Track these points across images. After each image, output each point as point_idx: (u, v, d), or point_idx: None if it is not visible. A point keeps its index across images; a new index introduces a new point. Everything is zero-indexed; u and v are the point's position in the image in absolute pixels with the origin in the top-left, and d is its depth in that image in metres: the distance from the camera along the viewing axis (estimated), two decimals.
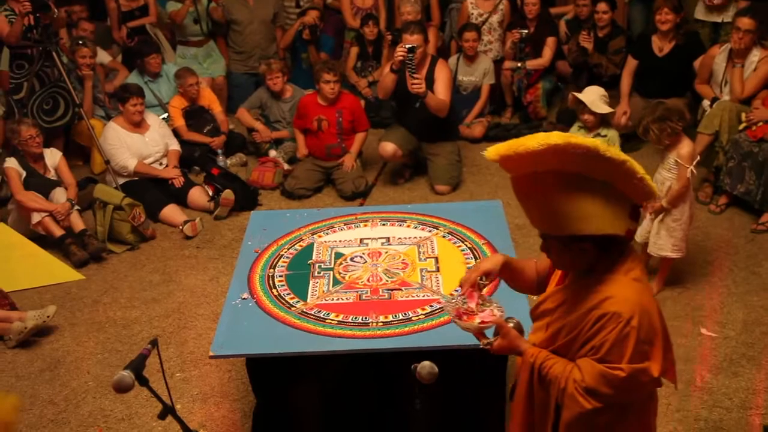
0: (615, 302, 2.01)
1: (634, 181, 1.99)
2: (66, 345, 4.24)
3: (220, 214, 5.50)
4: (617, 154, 1.96)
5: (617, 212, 2.02)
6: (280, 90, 6.31)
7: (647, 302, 2.04)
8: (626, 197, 2.03)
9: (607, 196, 2.00)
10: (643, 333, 2.00)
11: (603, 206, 2.00)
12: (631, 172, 1.98)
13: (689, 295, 4.31)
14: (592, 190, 1.99)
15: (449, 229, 3.72)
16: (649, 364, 2.02)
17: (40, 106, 5.79)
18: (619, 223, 2.03)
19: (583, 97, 4.42)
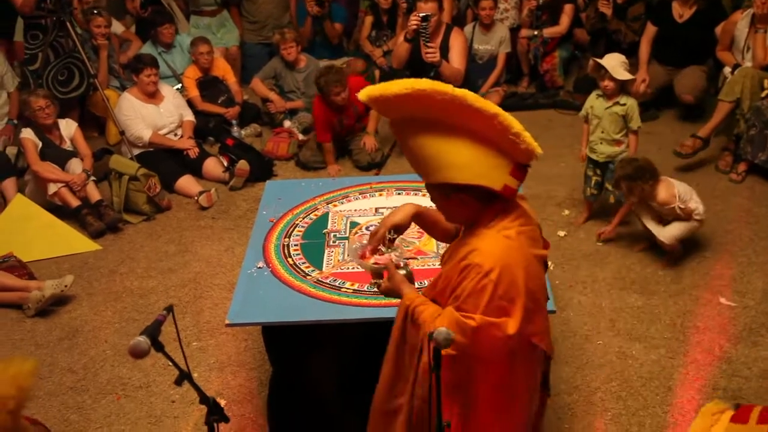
0: (479, 254, 2.05)
1: (509, 137, 1.97)
2: (84, 314, 4.27)
3: (235, 185, 5.49)
4: (487, 106, 1.96)
5: (494, 166, 2.03)
6: (294, 60, 6.27)
7: (514, 260, 2.04)
8: (506, 153, 2.02)
9: (481, 148, 2.01)
10: (502, 289, 2.02)
11: (476, 158, 2.02)
12: (504, 126, 1.97)
13: (708, 265, 4.27)
14: (465, 140, 2.01)
15: None
16: (506, 320, 2.03)
17: (55, 77, 5.78)
18: (495, 177, 2.04)
19: (604, 62, 4.35)
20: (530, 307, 2.07)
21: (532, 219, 2.19)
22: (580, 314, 3.94)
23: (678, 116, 6.07)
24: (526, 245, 2.10)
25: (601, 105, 4.47)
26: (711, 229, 4.55)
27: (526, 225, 2.14)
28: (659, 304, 3.97)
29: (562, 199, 5.04)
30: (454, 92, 1.96)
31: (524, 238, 2.10)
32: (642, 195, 4.15)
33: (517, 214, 2.13)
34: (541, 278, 2.16)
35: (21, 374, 1.36)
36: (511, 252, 2.06)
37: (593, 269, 4.30)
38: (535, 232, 2.18)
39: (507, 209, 2.13)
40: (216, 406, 2.09)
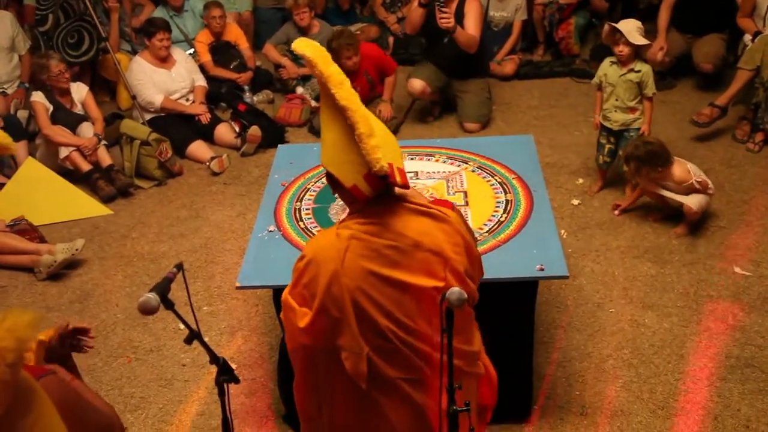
0: (310, 240, 2.13)
1: (356, 134, 1.84)
2: (95, 278, 4.28)
3: (246, 151, 5.47)
4: (342, 96, 1.85)
5: (349, 161, 1.92)
6: (308, 25, 6.20)
7: (325, 258, 1.96)
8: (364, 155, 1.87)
9: (346, 138, 1.90)
10: (306, 278, 2.01)
11: (338, 145, 1.94)
12: (351, 124, 1.85)
13: (723, 234, 4.22)
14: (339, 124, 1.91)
15: (479, 163, 3.64)
16: (303, 311, 2.02)
17: (65, 40, 5.75)
18: (347, 172, 1.95)
19: (619, 26, 4.27)
20: (334, 315, 1.97)
21: (405, 237, 1.98)
22: (593, 282, 3.91)
23: (695, 85, 5.97)
24: (356, 252, 1.96)
25: (615, 72, 4.39)
26: (727, 198, 4.49)
27: (378, 237, 1.97)
28: (673, 272, 3.94)
29: (576, 168, 4.98)
30: (323, 68, 1.89)
31: (359, 245, 1.96)
32: (648, 178, 4.10)
33: (372, 221, 1.99)
34: (372, 297, 1.97)
35: (19, 326, 1.32)
36: (328, 249, 1.97)
37: (607, 238, 4.26)
38: (391, 250, 1.97)
39: (365, 211, 2.01)
40: (226, 366, 2.08)
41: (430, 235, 2.00)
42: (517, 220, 3.17)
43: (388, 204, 2.02)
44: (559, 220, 4.35)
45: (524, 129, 5.56)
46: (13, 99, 5.76)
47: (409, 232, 1.99)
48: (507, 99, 6.10)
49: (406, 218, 2.01)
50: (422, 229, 2.00)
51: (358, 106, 1.86)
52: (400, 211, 2.02)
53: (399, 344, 2.02)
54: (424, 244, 1.99)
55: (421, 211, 2.04)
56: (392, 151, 1.97)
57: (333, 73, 1.89)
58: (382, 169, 1.85)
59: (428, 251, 1.99)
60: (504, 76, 6.40)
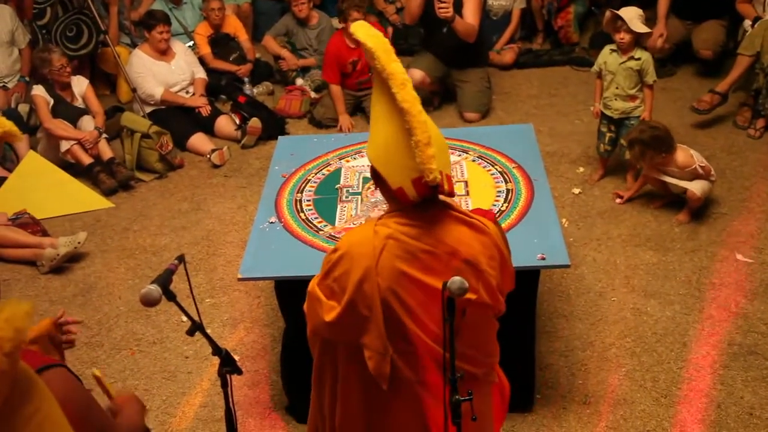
0: (346, 233, 2.04)
1: (411, 141, 1.81)
2: (97, 271, 4.28)
3: (247, 143, 5.46)
4: (403, 98, 1.80)
5: (400, 164, 1.88)
6: (306, 16, 6.19)
7: (359, 253, 1.92)
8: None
9: (400, 140, 1.86)
10: (337, 272, 1.96)
11: (390, 146, 1.90)
12: (409, 129, 1.81)
13: (725, 221, 4.22)
14: (394, 123, 1.86)
15: (479, 153, 3.64)
16: (330, 304, 1.97)
17: (63, 33, 5.74)
18: (395, 174, 1.91)
19: (621, 12, 4.26)
20: (364, 313, 1.93)
21: (443, 243, 1.95)
22: (595, 271, 3.91)
23: (695, 72, 5.96)
24: (392, 251, 1.93)
25: (615, 60, 4.38)
26: (728, 185, 4.49)
27: (416, 239, 1.94)
28: (675, 260, 3.94)
29: (576, 157, 4.98)
30: (386, 65, 1.84)
31: (396, 245, 1.93)
32: (651, 163, 4.10)
33: (413, 223, 1.96)
34: (403, 299, 1.95)
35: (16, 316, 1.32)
36: (364, 245, 1.93)
37: (608, 226, 4.26)
38: (427, 255, 1.95)
39: (408, 212, 1.97)
40: (228, 358, 2.08)
41: (468, 245, 1.97)
42: (518, 209, 3.18)
43: (430, 208, 1.98)
44: (560, 209, 4.35)
45: (524, 118, 5.55)
46: (14, 93, 5.76)
47: (448, 240, 1.96)
48: (507, 88, 6.09)
49: (447, 225, 1.98)
50: (461, 238, 1.97)
51: (418, 111, 1.82)
52: (441, 217, 1.99)
53: (422, 349, 1.99)
54: (461, 253, 1.96)
55: (462, 219, 2.00)
56: (444, 159, 1.95)
57: (396, 72, 1.83)
58: (435, 179, 1.84)
59: (464, 261, 1.96)
60: (503, 65, 6.39)
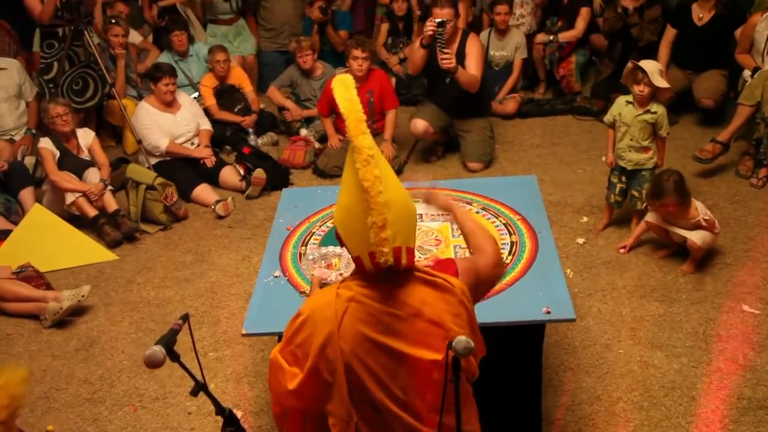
0: (310, 297, 2.03)
1: (369, 220, 1.80)
2: (101, 325, 4.27)
3: (251, 194, 5.49)
4: (365, 176, 1.79)
5: (360, 233, 1.85)
6: (311, 68, 6.27)
7: (322, 318, 1.90)
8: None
9: (361, 210, 1.83)
10: (300, 337, 1.93)
11: (354, 214, 1.86)
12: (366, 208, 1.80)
13: (730, 271, 4.20)
14: (355, 192, 1.85)
15: (483, 204, 3.65)
16: (293, 371, 1.94)
17: (70, 87, 5.81)
18: (354, 242, 1.90)
19: (643, 64, 4.28)
20: (326, 378, 1.90)
21: (406, 305, 1.92)
22: (600, 323, 3.88)
23: (697, 120, 6.00)
24: (354, 314, 1.90)
25: (631, 112, 4.40)
26: (732, 234, 4.48)
27: (378, 302, 1.91)
28: (681, 311, 3.91)
29: (580, 206, 4.98)
30: (355, 129, 1.85)
31: (358, 308, 1.90)
32: (667, 210, 4.09)
33: (373, 285, 1.93)
34: (367, 364, 1.91)
35: (12, 383, 1.32)
36: (326, 309, 1.90)
37: (613, 277, 4.25)
38: (390, 317, 1.91)
39: (368, 276, 1.94)
40: (232, 417, 2.07)
41: (432, 306, 1.94)
42: (523, 261, 3.17)
43: (393, 271, 1.95)
44: (564, 260, 4.34)
45: (527, 167, 5.58)
46: (21, 146, 5.81)
47: (411, 301, 1.93)
48: (509, 137, 6.13)
49: (409, 286, 1.95)
50: (424, 299, 1.94)
51: (377, 192, 1.80)
52: (403, 278, 1.96)
53: (388, 417, 1.95)
54: (425, 314, 1.93)
55: (425, 279, 1.98)
56: (406, 232, 1.92)
57: (362, 146, 1.83)
58: (387, 262, 1.84)
59: (428, 321, 1.93)
60: (506, 114, 6.45)
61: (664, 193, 4.06)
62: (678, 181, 4.06)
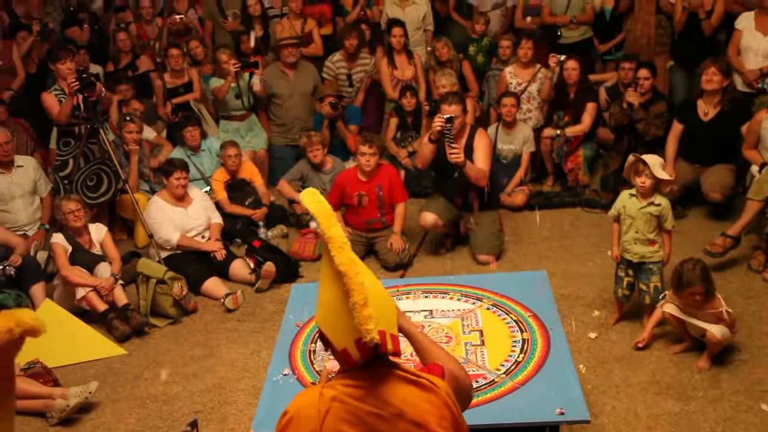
0: (298, 395, 2.05)
1: (350, 301, 1.85)
2: (107, 422, 4.20)
3: (261, 287, 5.49)
4: (340, 261, 1.87)
5: (342, 325, 1.92)
6: (321, 162, 6.37)
7: (305, 417, 1.93)
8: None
9: (341, 300, 1.90)
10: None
11: (332, 307, 1.94)
12: (346, 291, 1.85)
13: (747, 368, 4.13)
14: (336, 283, 1.92)
15: (493, 300, 3.64)
16: None
17: (84, 183, 5.91)
18: (339, 335, 1.95)
19: (645, 158, 4.34)
20: None
21: (389, 405, 1.94)
22: (615, 421, 3.80)
23: (706, 214, 6.02)
24: (337, 414, 1.93)
25: (635, 205, 4.43)
26: (748, 330, 4.43)
27: (361, 401, 1.94)
28: (697, 410, 3.83)
29: (591, 300, 4.96)
30: (326, 228, 1.92)
31: (341, 408, 1.93)
32: (693, 299, 4.06)
33: (358, 384, 1.96)
34: None
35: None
36: (309, 408, 1.94)
37: (627, 373, 4.18)
38: (373, 418, 1.93)
39: (354, 372, 1.99)
40: None
41: (415, 406, 1.94)
42: (535, 359, 3.15)
43: (377, 368, 1.98)
44: (576, 354, 4.29)
45: (537, 260, 5.58)
46: (34, 241, 5.86)
47: (394, 401, 1.94)
48: (519, 230, 6.15)
49: (393, 385, 1.97)
50: (407, 399, 1.95)
51: (355, 273, 1.86)
52: (387, 377, 1.98)
53: None
54: (408, 415, 1.93)
55: (408, 379, 1.99)
56: (387, 317, 1.98)
57: (334, 236, 1.91)
58: (372, 340, 1.85)
59: (411, 422, 1.93)
60: (515, 207, 6.49)
61: (692, 282, 4.02)
62: (704, 268, 4.05)
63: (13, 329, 1.48)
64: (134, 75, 7.42)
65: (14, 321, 1.49)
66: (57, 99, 6.04)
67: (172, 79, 7.14)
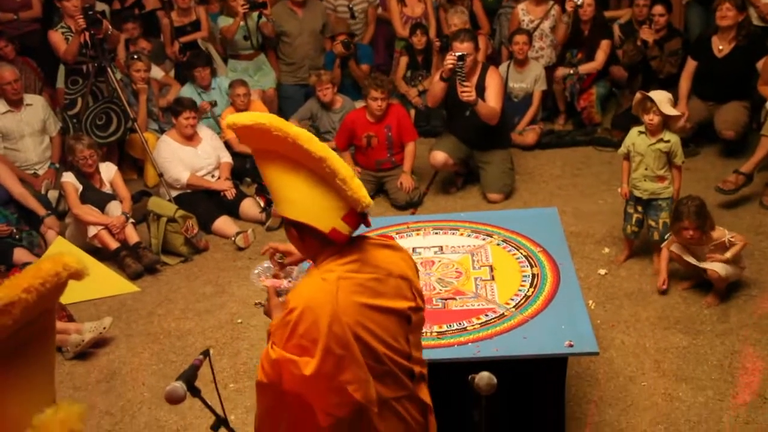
0: (294, 292, 2.12)
1: (336, 182, 2.01)
2: (122, 356, 4.28)
3: (271, 225, 5.51)
4: (317, 149, 2.01)
5: (326, 208, 2.07)
6: (330, 101, 6.32)
7: (319, 303, 2.03)
8: (341, 196, 2.05)
9: (317, 188, 2.07)
10: (302, 328, 2.03)
11: (309, 197, 2.08)
12: (332, 171, 2.01)
13: (755, 303, 4.14)
14: (304, 178, 2.07)
15: (503, 236, 3.64)
16: (306, 360, 2.01)
17: (93, 122, 5.90)
18: (324, 219, 2.08)
19: (652, 95, 4.29)
20: (339, 353, 2.03)
21: (380, 268, 2.16)
22: (624, 354, 3.84)
23: (719, 152, 5.96)
24: (346, 290, 2.08)
25: (644, 142, 4.40)
26: (757, 266, 4.43)
27: (360, 272, 2.13)
28: (705, 344, 3.86)
29: (601, 237, 4.96)
30: (288, 130, 2.03)
31: (348, 283, 2.09)
32: (691, 237, 4.05)
33: (351, 259, 2.14)
34: (369, 327, 2.09)
35: (70, 418, 1.42)
36: (320, 294, 2.05)
37: (636, 308, 4.20)
38: (374, 282, 2.14)
39: (342, 252, 2.15)
40: None
41: (396, 264, 2.23)
42: (544, 294, 3.15)
43: (356, 243, 2.19)
44: (586, 291, 4.31)
45: (548, 198, 5.56)
46: (44, 180, 5.88)
47: (381, 263, 2.19)
48: (529, 169, 6.12)
49: (375, 252, 2.21)
50: (389, 259, 2.22)
51: (334, 155, 2.02)
52: (368, 247, 2.21)
53: (390, 365, 2.15)
54: (394, 272, 2.20)
55: (381, 244, 2.27)
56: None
57: (300, 132, 2.03)
58: (369, 204, 2.05)
59: (398, 277, 2.21)
60: (526, 146, 6.45)
61: (681, 217, 4.04)
62: (699, 205, 4.04)
63: (61, 273, 1.53)
64: (141, 13, 7.33)
65: (61, 265, 1.53)
66: (63, 37, 5.99)
67: (179, 18, 7.05)
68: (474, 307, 3.12)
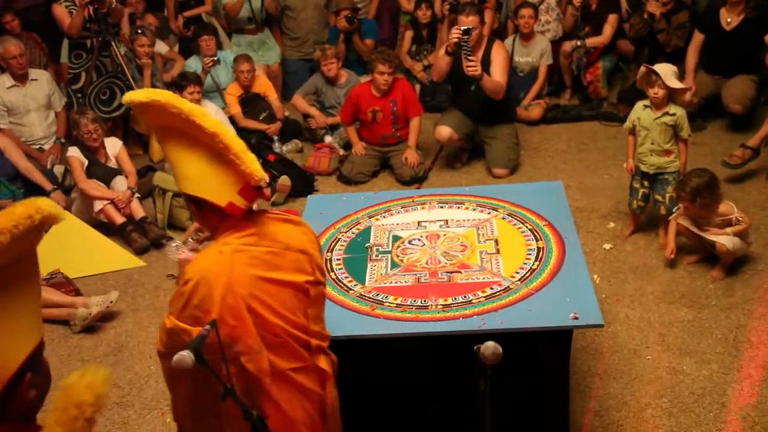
0: (191, 264, 2.18)
1: (230, 156, 2.06)
2: (129, 330, 4.30)
3: (277, 200, 5.51)
4: (209, 124, 2.05)
5: (221, 183, 2.13)
6: (335, 75, 6.29)
7: (214, 274, 2.10)
8: (235, 171, 2.09)
9: (213, 163, 2.12)
10: (196, 299, 2.10)
11: (205, 172, 2.13)
12: (225, 146, 2.05)
13: (761, 278, 4.14)
14: (200, 154, 2.12)
15: (509, 210, 3.63)
16: (194, 329, 2.06)
17: (97, 96, 5.89)
18: (220, 193, 2.14)
19: (656, 68, 4.26)
20: (232, 324, 2.10)
21: (277, 242, 2.22)
22: (628, 328, 3.85)
23: (726, 126, 5.93)
24: (242, 263, 2.14)
25: (649, 116, 4.37)
26: (764, 240, 4.42)
27: (256, 245, 2.19)
28: (710, 318, 3.87)
29: (607, 212, 4.95)
30: (182, 106, 2.07)
31: (243, 256, 2.15)
32: (698, 210, 4.05)
33: (249, 233, 2.20)
34: (263, 300, 2.15)
35: (96, 382, 1.44)
36: (215, 266, 2.12)
37: (641, 282, 4.21)
38: (270, 255, 2.20)
39: (240, 226, 2.20)
40: (260, 422, 2.07)
41: (296, 238, 2.29)
42: (550, 267, 3.15)
43: (255, 217, 2.25)
44: (591, 265, 4.31)
45: (553, 173, 5.55)
46: (50, 154, 5.89)
47: (280, 237, 2.25)
48: (535, 143, 6.11)
49: (272, 226, 2.27)
50: (288, 233, 2.28)
51: (226, 130, 2.08)
52: (266, 221, 2.27)
53: (286, 337, 2.21)
54: (293, 246, 2.26)
55: (281, 218, 2.32)
56: None
57: (193, 107, 2.08)
58: (263, 178, 2.10)
59: (297, 251, 2.27)
60: (531, 120, 6.42)
61: (686, 186, 4.04)
62: (708, 176, 4.02)
63: (33, 215, 1.56)
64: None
65: (33, 208, 1.57)
66: (67, 11, 5.96)
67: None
68: (479, 280, 3.12)
